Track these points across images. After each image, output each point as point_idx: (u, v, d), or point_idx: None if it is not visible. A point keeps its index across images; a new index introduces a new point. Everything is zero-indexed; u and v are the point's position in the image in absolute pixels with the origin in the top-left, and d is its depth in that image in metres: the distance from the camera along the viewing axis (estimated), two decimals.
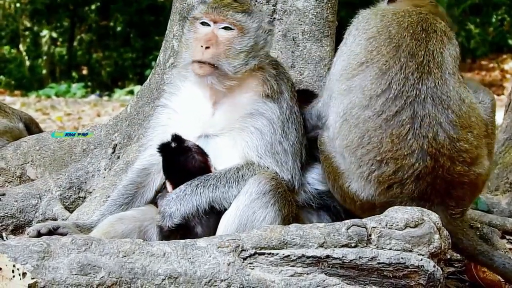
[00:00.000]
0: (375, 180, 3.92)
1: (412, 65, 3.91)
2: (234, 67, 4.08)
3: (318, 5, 5.17)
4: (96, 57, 28.82)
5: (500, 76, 24.89)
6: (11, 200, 4.94)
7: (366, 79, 3.95)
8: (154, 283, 3.19)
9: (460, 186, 3.98)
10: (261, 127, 4.09)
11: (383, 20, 4.10)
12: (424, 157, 3.84)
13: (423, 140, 3.83)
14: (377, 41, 4.01)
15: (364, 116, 3.91)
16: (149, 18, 26.80)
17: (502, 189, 6.25)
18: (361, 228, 3.51)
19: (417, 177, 3.87)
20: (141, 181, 4.39)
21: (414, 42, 3.98)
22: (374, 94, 3.90)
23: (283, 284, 3.35)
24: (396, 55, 3.94)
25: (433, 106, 3.86)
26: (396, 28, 4.03)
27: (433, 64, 3.94)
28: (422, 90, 3.88)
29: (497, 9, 25.70)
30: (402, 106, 3.86)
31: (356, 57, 4.05)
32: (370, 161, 3.90)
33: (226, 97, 4.18)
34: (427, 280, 3.47)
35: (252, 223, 3.80)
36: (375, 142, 3.87)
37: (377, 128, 3.88)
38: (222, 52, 4.07)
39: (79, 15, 29.29)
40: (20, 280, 2.97)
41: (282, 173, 4.07)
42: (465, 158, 3.91)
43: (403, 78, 3.89)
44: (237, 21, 4.12)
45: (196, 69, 4.09)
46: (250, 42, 4.14)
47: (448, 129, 3.86)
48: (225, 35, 4.12)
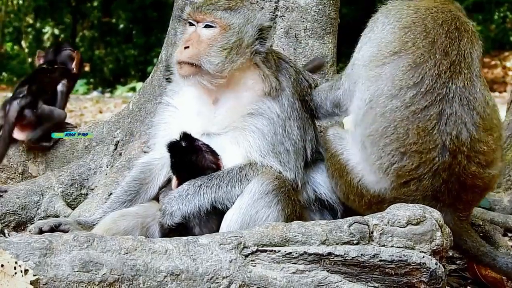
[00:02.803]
0: (393, 173, 3.89)
1: (445, 63, 3.89)
2: (215, 64, 4.05)
3: (320, 2, 5.16)
4: (98, 54, 28.82)
5: (502, 73, 24.87)
6: (13, 197, 4.95)
7: (398, 68, 3.90)
8: (156, 280, 3.18)
9: (471, 190, 3.97)
10: (262, 127, 4.07)
11: (417, 12, 4.04)
12: (444, 153, 3.84)
13: (447, 137, 3.83)
14: (412, 32, 3.96)
15: (391, 106, 3.87)
16: (152, 15, 26.79)
17: (504, 186, 6.23)
18: (363, 225, 3.51)
19: (434, 173, 3.86)
20: (145, 178, 4.39)
21: (448, 40, 3.95)
22: (405, 85, 3.87)
23: (285, 281, 3.35)
24: (432, 50, 3.91)
25: (460, 106, 3.86)
26: (432, 23, 3.98)
27: (463, 64, 3.93)
28: (451, 89, 3.87)
29: (499, 6, 25.69)
30: (431, 101, 3.84)
31: (388, 44, 3.98)
32: (392, 152, 3.87)
33: (226, 95, 4.16)
34: (429, 277, 3.47)
35: (254, 223, 3.79)
36: (401, 133, 3.85)
37: (404, 119, 3.85)
38: (202, 50, 4.06)
39: (82, 11, 29.30)
40: (22, 277, 2.97)
41: (286, 172, 4.06)
42: (480, 160, 3.91)
43: (436, 74, 3.87)
44: (218, 19, 4.10)
45: (178, 70, 4.11)
46: (232, 39, 4.09)
47: (471, 130, 3.86)
48: (207, 33, 4.11)
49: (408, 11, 4.06)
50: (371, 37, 4.12)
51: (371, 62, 4.01)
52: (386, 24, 4.07)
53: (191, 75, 4.08)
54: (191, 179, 3.98)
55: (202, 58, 4.05)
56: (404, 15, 4.05)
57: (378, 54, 4.00)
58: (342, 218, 3.72)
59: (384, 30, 4.06)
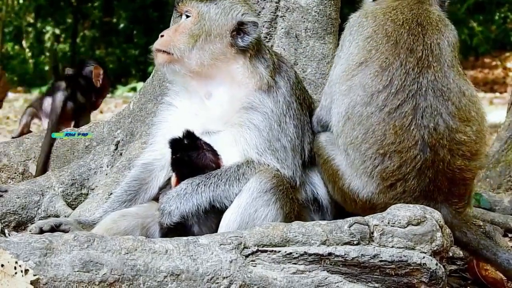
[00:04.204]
0: (378, 176, 3.92)
1: (412, 60, 3.96)
2: (182, 50, 4.10)
3: (321, 2, 5.16)
4: (99, 54, 28.82)
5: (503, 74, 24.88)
6: (14, 197, 4.94)
7: (366, 77, 3.98)
8: (156, 280, 3.19)
9: (463, 183, 3.99)
10: (258, 123, 4.06)
11: (375, 20, 4.15)
12: (424, 149, 3.87)
13: (424, 130, 3.87)
14: (374, 40, 4.06)
15: (367, 113, 3.93)
16: (153, 15, 26.78)
17: (504, 187, 6.24)
18: (363, 226, 3.51)
19: (419, 171, 3.88)
20: (144, 178, 4.38)
21: (412, 37, 4.03)
22: (375, 91, 3.93)
23: (285, 281, 3.35)
24: (395, 51, 3.98)
25: (434, 98, 3.91)
26: (392, 26, 4.07)
27: (431, 57, 3.99)
28: (423, 83, 3.92)
29: (500, 7, 25.70)
30: (404, 99, 3.90)
31: (354, 57, 4.08)
32: (373, 155, 3.91)
33: (218, 89, 4.17)
34: (429, 278, 3.47)
35: (253, 222, 3.79)
36: (379, 136, 3.89)
37: (380, 122, 3.90)
38: (174, 38, 4.14)
39: (83, 11, 29.30)
40: (22, 277, 2.97)
41: (283, 169, 4.06)
42: (464, 152, 3.94)
43: (404, 73, 3.93)
44: (192, 7, 4.17)
45: (155, 59, 4.23)
46: (201, 27, 4.13)
47: (447, 120, 3.90)
48: (183, 23, 4.20)
49: (368, 22, 4.16)
50: (341, 56, 4.24)
51: (342, 77, 4.11)
52: (351, 41, 4.18)
53: (166, 63, 4.16)
54: (191, 177, 3.98)
55: (172, 45, 4.12)
56: (364, 27, 4.15)
57: (347, 69, 4.10)
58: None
59: (350, 46, 4.17)
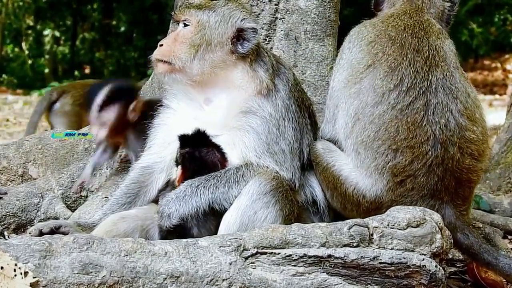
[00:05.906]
0: (389, 172, 3.94)
1: (419, 59, 4.03)
2: (183, 61, 4.09)
3: (320, 4, 5.17)
4: (98, 56, 28.86)
5: (502, 75, 24.91)
6: (13, 199, 4.94)
7: (376, 78, 4.02)
8: (156, 282, 3.18)
9: (467, 185, 4.04)
10: (256, 126, 4.07)
11: (375, 27, 4.22)
12: (436, 145, 3.92)
13: (436, 126, 3.92)
14: (378, 43, 4.11)
15: (378, 112, 3.98)
16: (152, 17, 26.82)
17: (504, 189, 6.25)
18: (363, 228, 3.51)
19: (429, 168, 3.91)
20: (144, 180, 4.38)
21: (416, 39, 4.10)
22: (386, 90, 3.98)
23: (284, 283, 3.35)
24: (403, 52, 4.05)
25: (444, 95, 3.99)
26: (394, 31, 4.14)
27: (438, 57, 4.08)
28: (432, 81, 4.00)
29: (499, 8, 25.74)
30: (415, 96, 3.96)
31: (360, 61, 4.12)
32: (386, 151, 3.94)
33: (218, 95, 4.17)
34: (429, 280, 3.47)
35: (253, 224, 3.79)
36: (392, 132, 3.94)
37: (393, 119, 3.95)
38: (174, 47, 4.13)
39: (82, 13, 29.34)
40: (21, 279, 2.97)
41: (282, 172, 4.06)
42: (473, 151, 3.99)
43: (414, 71, 4.00)
44: (192, 16, 4.16)
45: (155, 69, 4.22)
46: (202, 36, 4.12)
47: (457, 117, 3.97)
48: (182, 31, 4.19)
49: (367, 29, 4.24)
50: (341, 64, 4.28)
51: (348, 82, 4.14)
52: (352, 48, 4.24)
53: (167, 73, 4.15)
54: (197, 173, 3.99)
55: (173, 55, 4.11)
56: (365, 33, 4.23)
57: (353, 73, 4.13)
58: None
59: (351, 52, 4.22)
